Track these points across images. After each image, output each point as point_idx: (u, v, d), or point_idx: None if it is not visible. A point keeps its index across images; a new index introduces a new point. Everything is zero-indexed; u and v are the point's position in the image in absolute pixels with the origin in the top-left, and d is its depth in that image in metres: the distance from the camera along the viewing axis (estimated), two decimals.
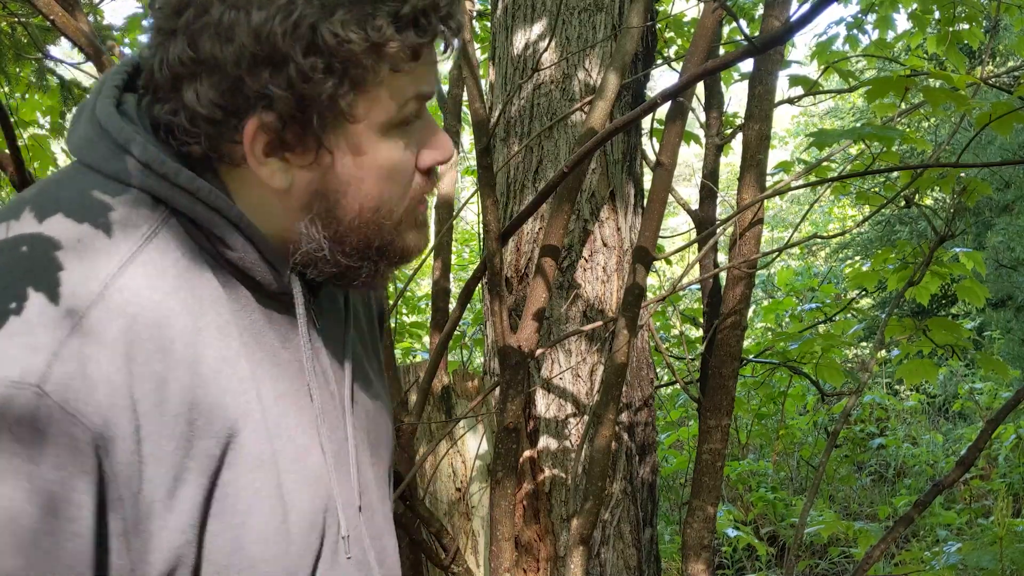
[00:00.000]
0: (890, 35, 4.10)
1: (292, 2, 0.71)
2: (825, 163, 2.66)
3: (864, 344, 8.47)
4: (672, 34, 4.00)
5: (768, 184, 2.33)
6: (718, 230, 2.59)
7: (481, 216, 1.95)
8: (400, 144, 0.80)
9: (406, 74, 0.77)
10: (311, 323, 0.86)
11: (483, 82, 2.74)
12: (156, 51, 0.75)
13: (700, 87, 3.04)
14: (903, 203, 2.52)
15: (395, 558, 0.95)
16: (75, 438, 0.66)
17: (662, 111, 2.26)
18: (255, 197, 0.80)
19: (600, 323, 2.27)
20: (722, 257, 3.88)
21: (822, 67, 3.34)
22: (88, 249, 0.72)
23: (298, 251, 0.81)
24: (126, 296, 0.71)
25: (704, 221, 2.83)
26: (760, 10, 3.88)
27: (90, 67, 2.88)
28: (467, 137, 4.49)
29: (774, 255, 2.49)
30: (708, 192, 2.89)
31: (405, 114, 0.79)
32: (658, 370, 4.33)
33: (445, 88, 3.32)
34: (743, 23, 3.77)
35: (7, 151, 1.80)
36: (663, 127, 2.23)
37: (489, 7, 3.04)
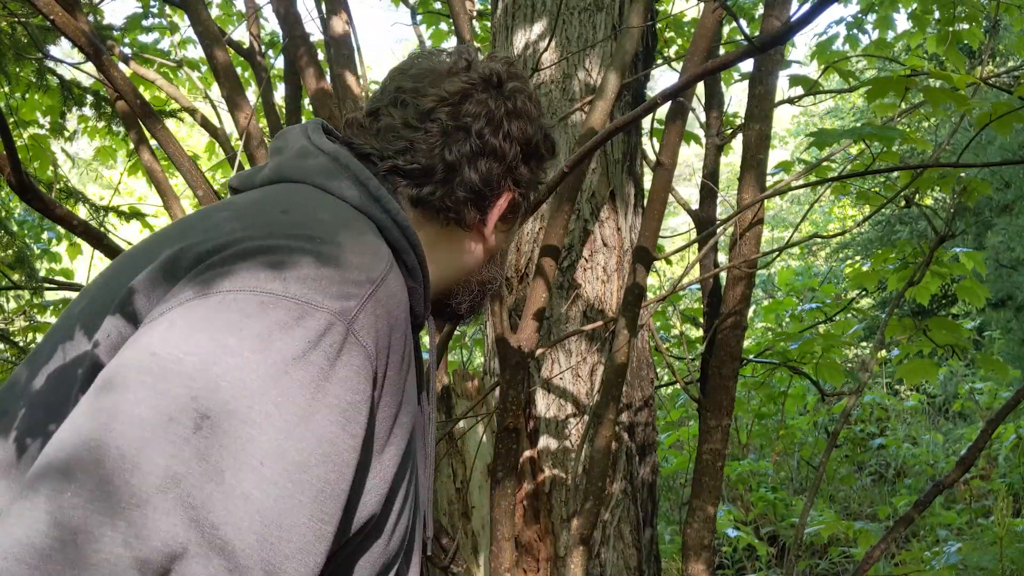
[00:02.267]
0: (890, 35, 4.10)
1: (535, 125, 1.05)
2: (825, 163, 2.66)
3: (864, 344, 8.47)
4: (672, 34, 4.00)
5: (768, 184, 2.33)
6: (718, 230, 2.59)
7: None
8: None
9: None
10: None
11: None
12: (423, 142, 0.99)
13: (700, 87, 3.04)
14: (903, 203, 2.52)
15: None
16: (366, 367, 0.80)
17: (662, 111, 2.26)
18: (440, 251, 1.03)
19: (600, 323, 2.27)
20: (722, 257, 3.88)
21: (822, 67, 3.34)
22: (368, 245, 0.88)
23: (457, 293, 1.07)
24: (392, 288, 0.86)
25: (704, 221, 2.83)
26: (760, 10, 3.88)
27: (90, 67, 2.88)
28: None
29: (774, 255, 2.49)
30: (708, 192, 2.89)
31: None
32: (658, 370, 4.33)
33: None
34: (743, 23, 3.77)
35: (3, 152, 1.80)
36: (663, 127, 2.23)
37: (489, 7, 3.04)
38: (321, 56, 2.73)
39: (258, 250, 0.79)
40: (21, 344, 3.36)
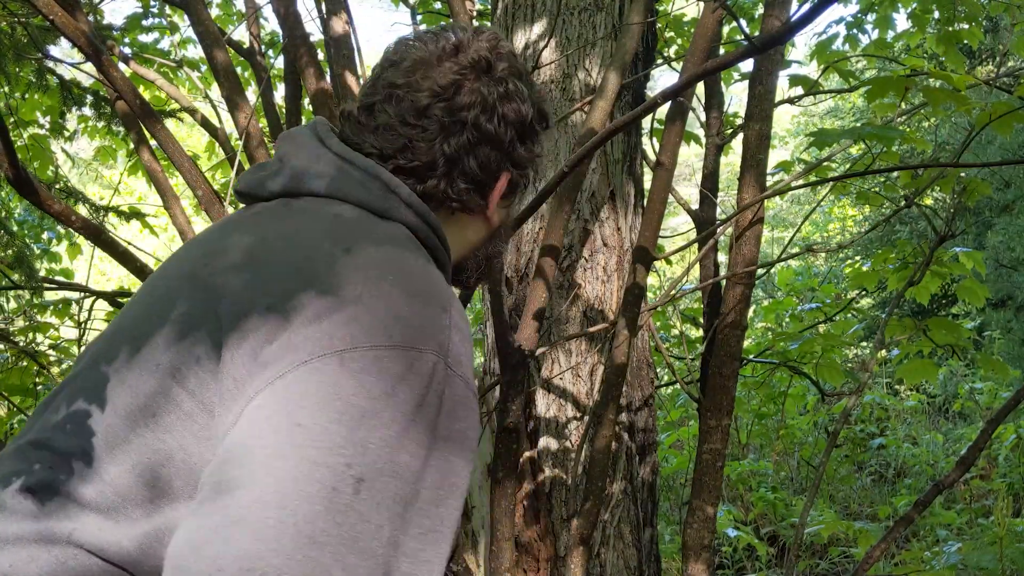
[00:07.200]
0: (890, 35, 4.10)
1: (528, 103, 1.06)
2: (825, 163, 2.66)
3: (864, 344, 8.46)
4: (672, 34, 4.00)
5: (768, 184, 2.33)
6: (718, 230, 2.59)
7: None
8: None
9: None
10: None
11: None
12: (422, 139, 1.00)
13: (700, 87, 3.05)
14: (903, 203, 2.52)
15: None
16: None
17: (662, 111, 2.27)
18: (455, 235, 1.07)
19: (603, 326, 2.27)
20: (722, 257, 3.88)
21: (822, 67, 3.34)
22: (429, 269, 0.93)
23: (466, 268, 1.12)
24: (458, 305, 0.90)
25: (704, 221, 2.83)
26: (760, 10, 3.88)
27: (90, 67, 2.88)
28: None
29: (773, 263, 2.49)
30: (708, 192, 2.89)
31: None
32: (658, 370, 4.33)
33: None
34: (743, 23, 3.77)
35: (1, 148, 1.80)
36: (663, 127, 2.23)
37: (489, 7, 3.04)
38: (321, 56, 2.73)
39: (351, 299, 0.82)
40: (21, 344, 3.36)
